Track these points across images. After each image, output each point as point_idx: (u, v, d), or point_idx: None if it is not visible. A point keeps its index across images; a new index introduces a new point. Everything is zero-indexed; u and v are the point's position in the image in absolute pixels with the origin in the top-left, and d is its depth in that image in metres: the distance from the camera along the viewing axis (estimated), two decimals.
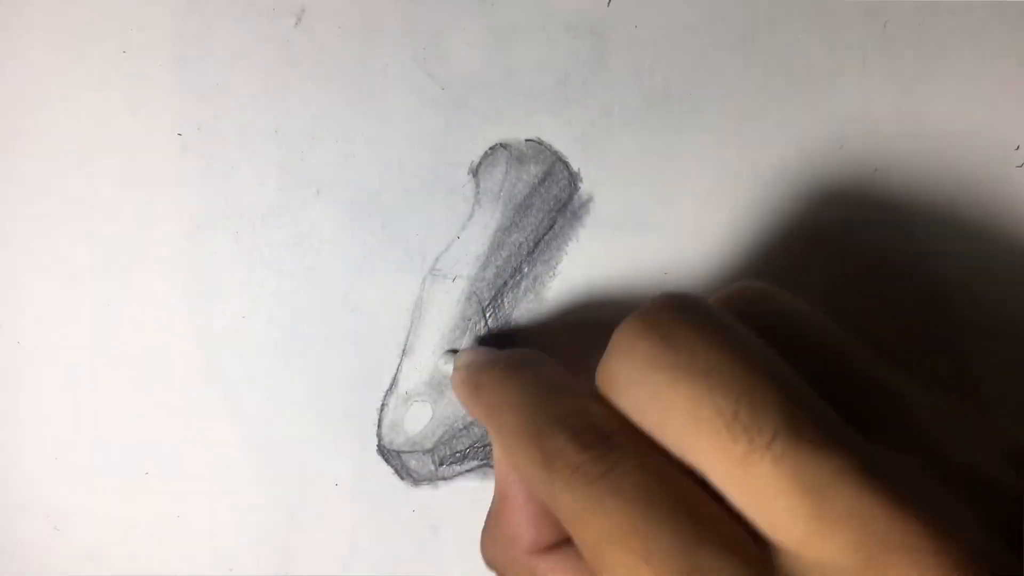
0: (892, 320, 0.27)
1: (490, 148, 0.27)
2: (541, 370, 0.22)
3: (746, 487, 0.16)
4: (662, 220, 0.27)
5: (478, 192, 0.27)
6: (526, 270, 0.27)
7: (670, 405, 0.17)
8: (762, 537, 0.17)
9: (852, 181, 0.27)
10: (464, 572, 0.28)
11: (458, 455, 0.28)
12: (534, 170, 0.27)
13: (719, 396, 0.17)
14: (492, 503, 0.23)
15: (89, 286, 0.27)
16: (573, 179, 0.27)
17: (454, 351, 0.27)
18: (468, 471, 0.28)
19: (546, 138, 0.27)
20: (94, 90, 0.27)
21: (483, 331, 0.28)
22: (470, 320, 0.28)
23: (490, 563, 0.23)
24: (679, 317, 0.18)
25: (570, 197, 0.27)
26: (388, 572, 0.28)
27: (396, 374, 0.28)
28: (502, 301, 0.27)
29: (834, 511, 0.16)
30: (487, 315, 0.27)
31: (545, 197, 0.27)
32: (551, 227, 0.27)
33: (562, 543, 0.21)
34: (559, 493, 0.18)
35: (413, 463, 0.28)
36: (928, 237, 0.27)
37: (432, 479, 0.28)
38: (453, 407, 0.28)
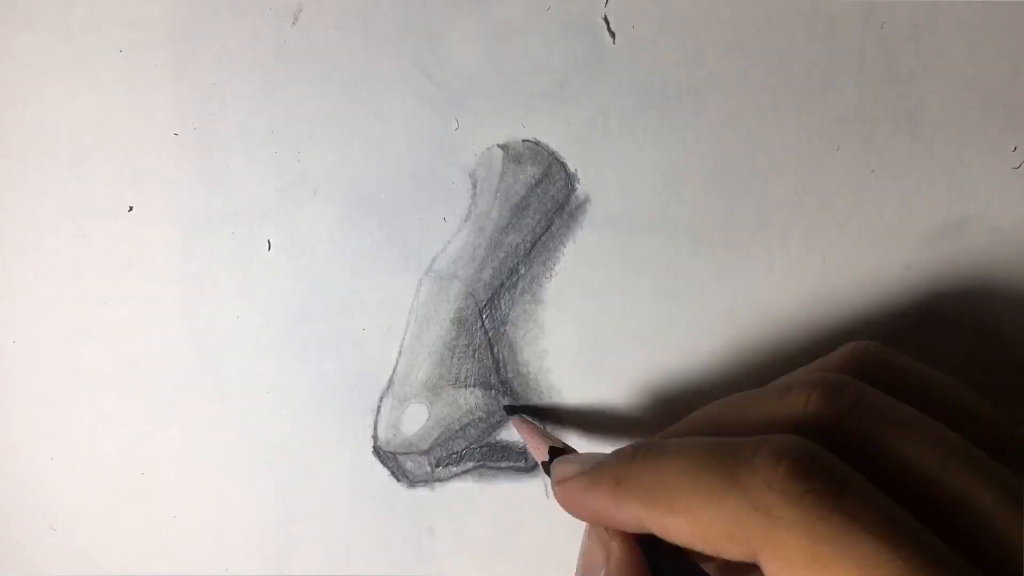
0: (881, 318, 0.27)
1: (487, 149, 0.27)
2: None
3: None
4: (659, 221, 0.27)
5: (475, 193, 0.27)
6: (523, 271, 0.27)
7: None
8: None
9: (849, 183, 0.27)
10: (460, 572, 0.28)
11: (454, 456, 0.28)
12: (531, 171, 0.27)
13: None
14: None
15: (85, 286, 0.27)
16: (570, 180, 0.27)
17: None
18: (464, 472, 0.28)
19: (543, 139, 0.27)
20: (91, 89, 0.27)
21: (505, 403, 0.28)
22: (467, 321, 0.28)
23: None
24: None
25: (567, 198, 0.27)
26: (384, 572, 0.28)
27: (392, 375, 0.28)
28: (499, 302, 0.27)
29: None
30: (484, 316, 0.27)
31: (542, 198, 0.27)
32: (548, 228, 0.27)
33: None
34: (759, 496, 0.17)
35: (409, 464, 0.28)
36: (924, 238, 0.27)
37: (428, 480, 0.28)
38: (449, 408, 0.28)
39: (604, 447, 0.28)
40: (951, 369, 0.28)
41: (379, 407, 0.28)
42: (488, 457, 0.28)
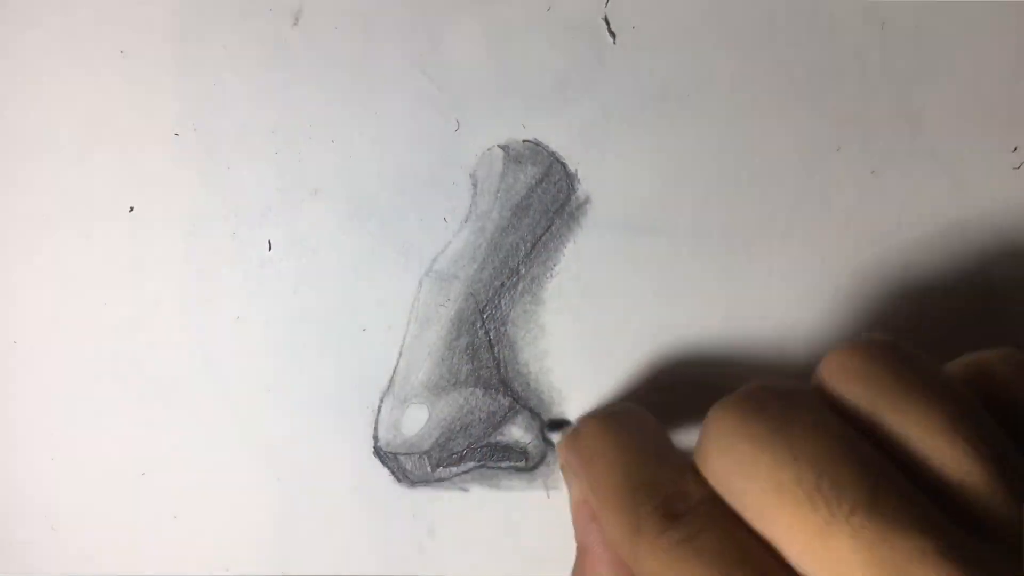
0: (882, 318, 0.27)
1: (487, 149, 0.27)
2: (642, 431, 0.23)
3: (823, 559, 0.17)
4: (660, 222, 0.27)
5: (475, 193, 0.27)
6: (523, 271, 0.27)
7: (753, 473, 0.18)
8: None
9: (849, 183, 0.27)
10: (460, 573, 0.28)
11: (455, 457, 0.28)
12: (532, 171, 0.27)
13: (803, 465, 0.17)
14: (576, 557, 0.23)
15: (86, 286, 0.27)
16: (571, 180, 0.27)
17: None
18: (465, 472, 0.28)
19: (544, 139, 0.27)
20: (92, 90, 0.27)
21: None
22: (467, 321, 0.28)
23: None
24: (770, 395, 0.19)
25: (568, 198, 0.27)
26: (384, 573, 0.28)
27: (393, 375, 0.28)
28: (499, 302, 0.27)
29: None
30: (484, 316, 0.27)
31: (543, 198, 0.27)
32: (549, 228, 0.27)
33: None
34: (643, 557, 0.18)
35: (410, 465, 0.28)
36: (924, 238, 0.27)
37: (429, 481, 0.28)
38: (450, 409, 0.28)
39: None
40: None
41: (379, 407, 0.28)
42: (489, 457, 0.28)
